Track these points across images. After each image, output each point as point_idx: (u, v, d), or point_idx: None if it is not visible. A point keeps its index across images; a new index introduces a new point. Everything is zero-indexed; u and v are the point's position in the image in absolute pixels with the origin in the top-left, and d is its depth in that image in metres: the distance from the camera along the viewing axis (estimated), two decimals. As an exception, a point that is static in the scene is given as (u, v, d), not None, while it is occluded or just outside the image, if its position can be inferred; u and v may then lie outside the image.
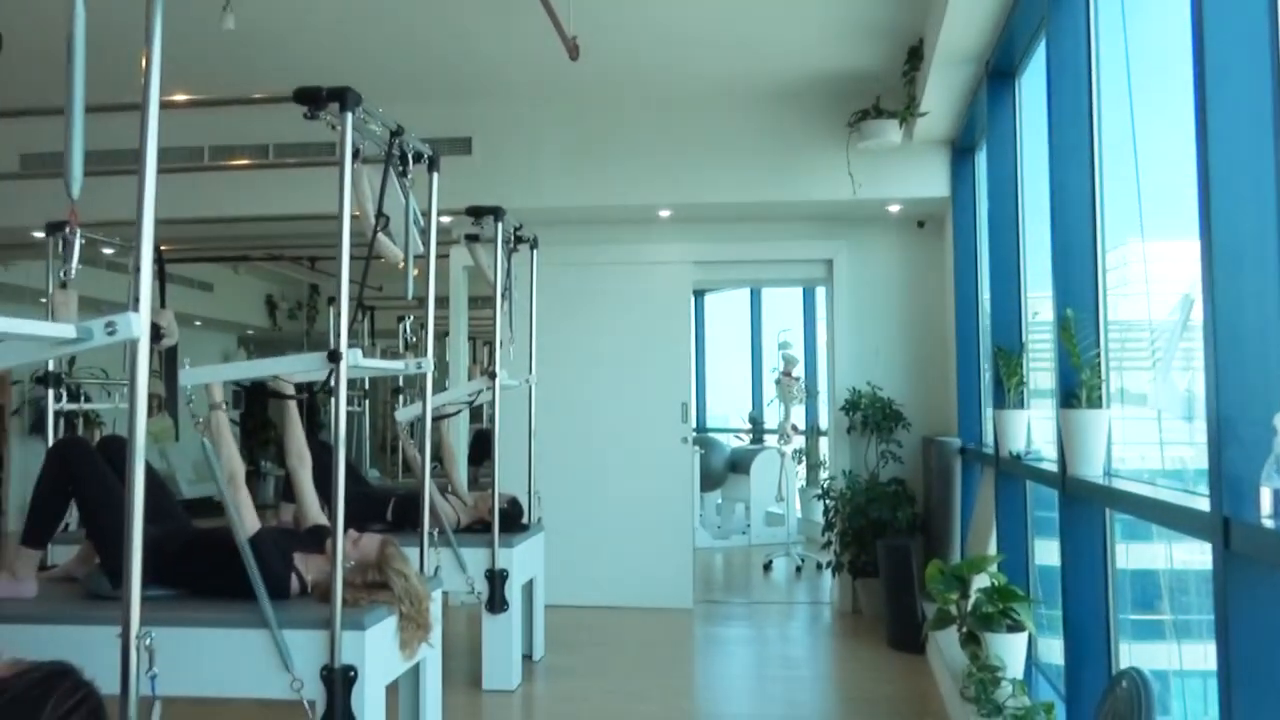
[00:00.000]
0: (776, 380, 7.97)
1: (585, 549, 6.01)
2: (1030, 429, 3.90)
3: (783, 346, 8.07)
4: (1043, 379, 3.93)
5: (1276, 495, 1.62)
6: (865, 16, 4.55)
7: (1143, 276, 3.03)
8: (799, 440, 8.36)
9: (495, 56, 5.10)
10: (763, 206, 5.86)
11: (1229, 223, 1.80)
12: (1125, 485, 2.68)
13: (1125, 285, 3.10)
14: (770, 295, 10.11)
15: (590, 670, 4.84)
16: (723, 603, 6.53)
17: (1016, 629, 3.37)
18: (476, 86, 5.55)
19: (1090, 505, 2.92)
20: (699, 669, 5.07)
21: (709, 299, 10.30)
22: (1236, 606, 1.74)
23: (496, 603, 4.33)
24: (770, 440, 9.20)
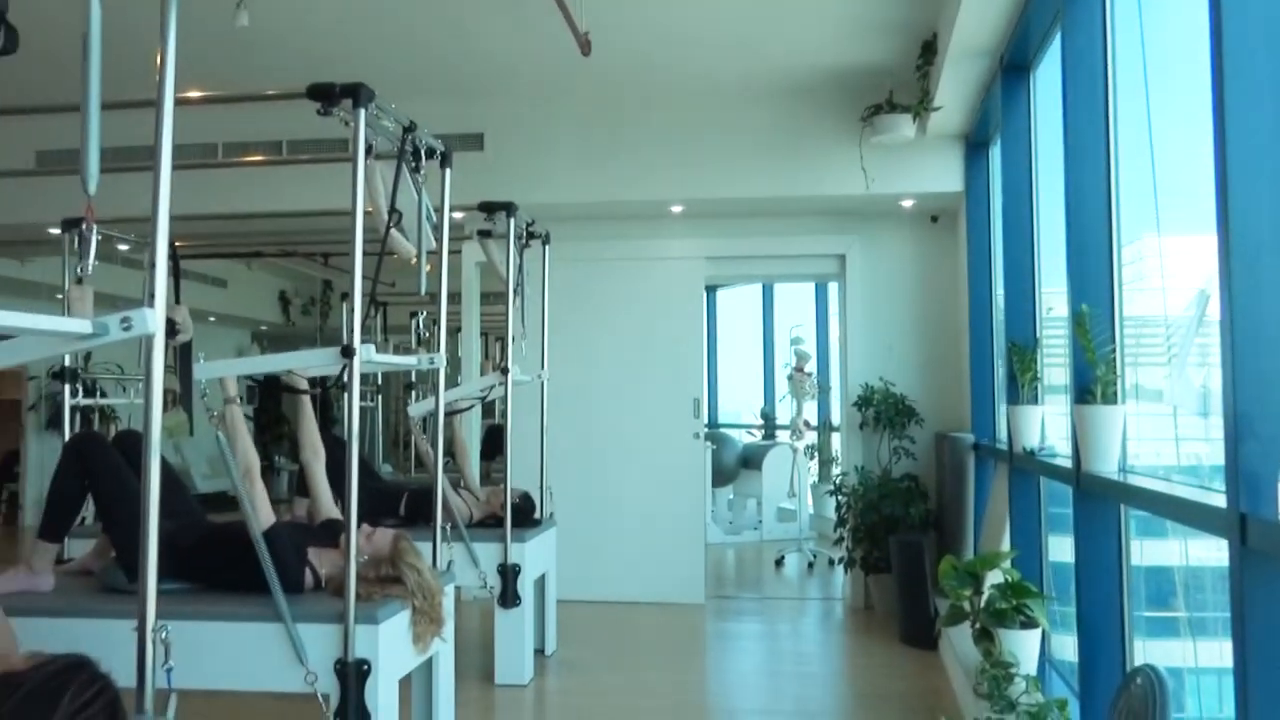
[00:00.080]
0: (789, 376, 7.96)
1: (597, 544, 6.02)
2: (1044, 425, 3.88)
3: (795, 342, 8.05)
4: (1056, 375, 3.91)
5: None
6: (878, 11, 4.53)
7: (1158, 271, 3.01)
8: (811, 436, 8.34)
9: (508, 52, 5.10)
10: (775, 201, 5.84)
11: (1247, 217, 1.79)
12: (1140, 481, 2.66)
13: (1140, 280, 3.08)
14: (782, 290, 10.09)
15: (602, 665, 4.85)
16: (734, 598, 6.53)
17: (1030, 625, 3.35)
18: (489, 82, 5.55)
19: (1105, 501, 2.90)
20: (710, 664, 5.08)
21: (721, 294, 10.28)
22: (1253, 603, 1.73)
23: (509, 597, 4.35)
24: (782, 436, 9.20)
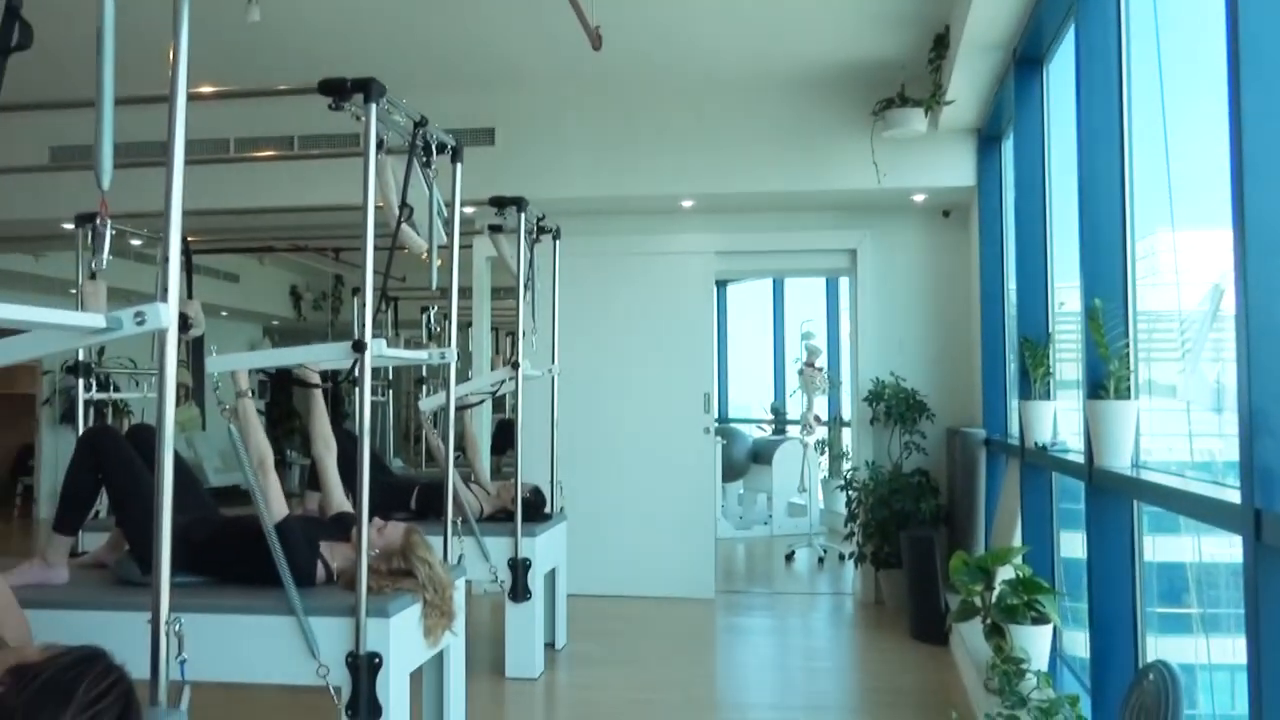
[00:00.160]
0: (799, 370, 7.94)
1: (607, 538, 6.03)
2: (1056, 420, 3.87)
3: (805, 337, 8.03)
4: (1068, 370, 3.90)
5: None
6: (891, 4, 4.51)
7: (1172, 266, 2.99)
8: (822, 431, 8.33)
9: (518, 47, 5.10)
10: (786, 196, 5.83)
11: (1263, 211, 1.77)
12: (1153, 477, 2.65)
13: (1154, 275, 3.06)
14: (793, 285, 10.07)
15: (612, 659, 4.86)
16: (744, 593, 6.54)
17: (1041, 621, 3.35)
18: (499, 77, 5.55)
19: (1118, 497, 2.89)
20: (720, 659, 5.08)
21: (731, 289, 10.27)
22: (1267, 599, 1.72)
23: (519, 591, 4.36)
24: (793, 431, 9.18)
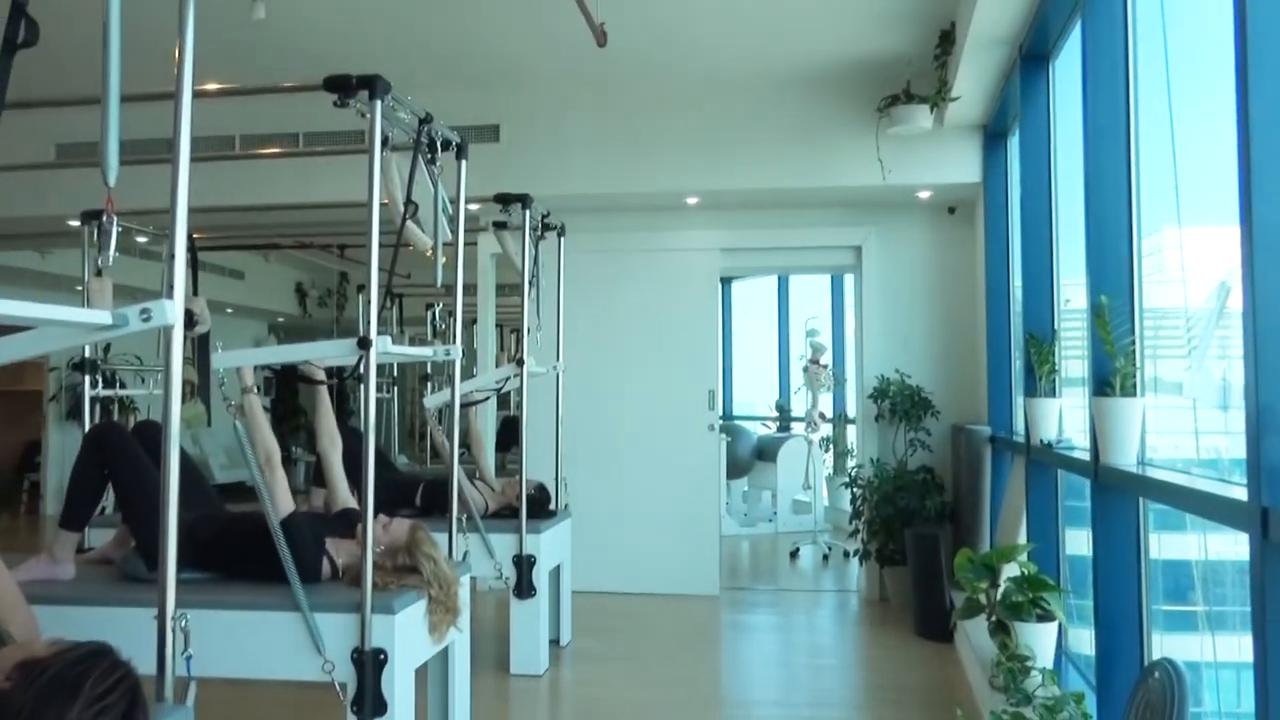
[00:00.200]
0: (804, 368, 7.94)
1: (612, 535, 6.04)
2: (1062, 417, 3.86)
3: (810, 334, 8.02)
4: (1074, 367, 3.89)
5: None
6: (896, 0, 4.50)
7: (1178, 263, 2.98)
8: (826, 428, 8.32)
9: (523, 44, 5.09)
10: (791, 193, 5.82)
11: (1270, 208, 1.77)
12: (1160, 474, 2.64)
13: (1160, 272, 3.05)
14: (798, 282, 10.06)
15: (617, 656, 4.86)
16: (749, 590, 6.54)
17: (1046, 618, 3.34)
18: (504, 74, 5.55)
19: (1124, 494, 2.88)
20: (725, 656, 5.08)
21: (736, 286, 10.26)
22: (1275, 597, 1.72)
23: (524, 588, 4.36)
24: (797, 428, 9.18)
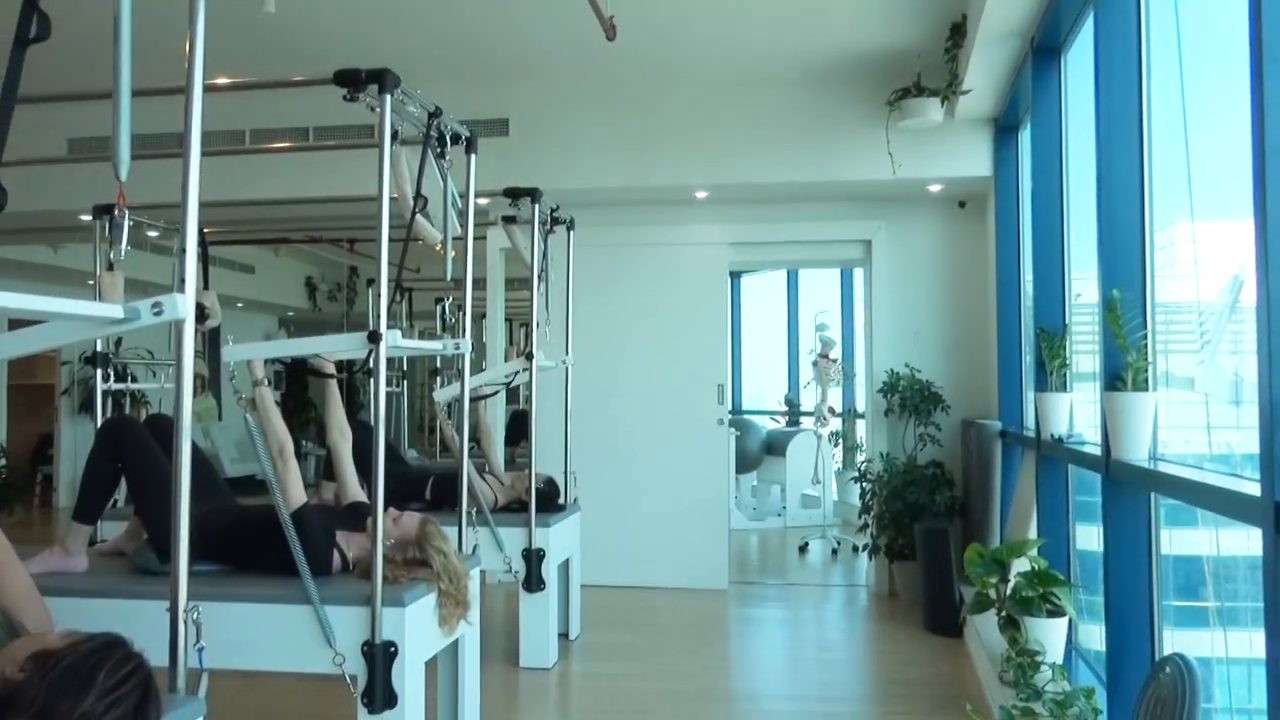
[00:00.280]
0: (813, 362, 7.92)
1: (621, 529, 6.04)
2: (1073, 412, 3.84)
3: (820, 328, 8.01)
4: (1085, 362, 3.87)
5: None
6: (906, -8, 4.48)
7: (1191, 257, 2.96)
8: (836, 423, 8.31)
9: (532, 38, 5.09)
10: (800, 187, 5.81)
11: (1284, 201, 1.75)
12: (1171, 469, 2.63)
13: (1173, 266, 3.03)
14: (807, 276, 10.04)
15: (626, 649, 4.87)
16: (758, 584, 6.54)
17: (1057, 613, 3.33)
18: (514, 68, 5.54)
19: (1135, 489, 2.87)
20: (734, 650, 5.09)
21: (745, 280, 10.25)
22: (1286, 593, 1.71)
23: (533, 581, 4.37)
24: (807, 423, 9.16)
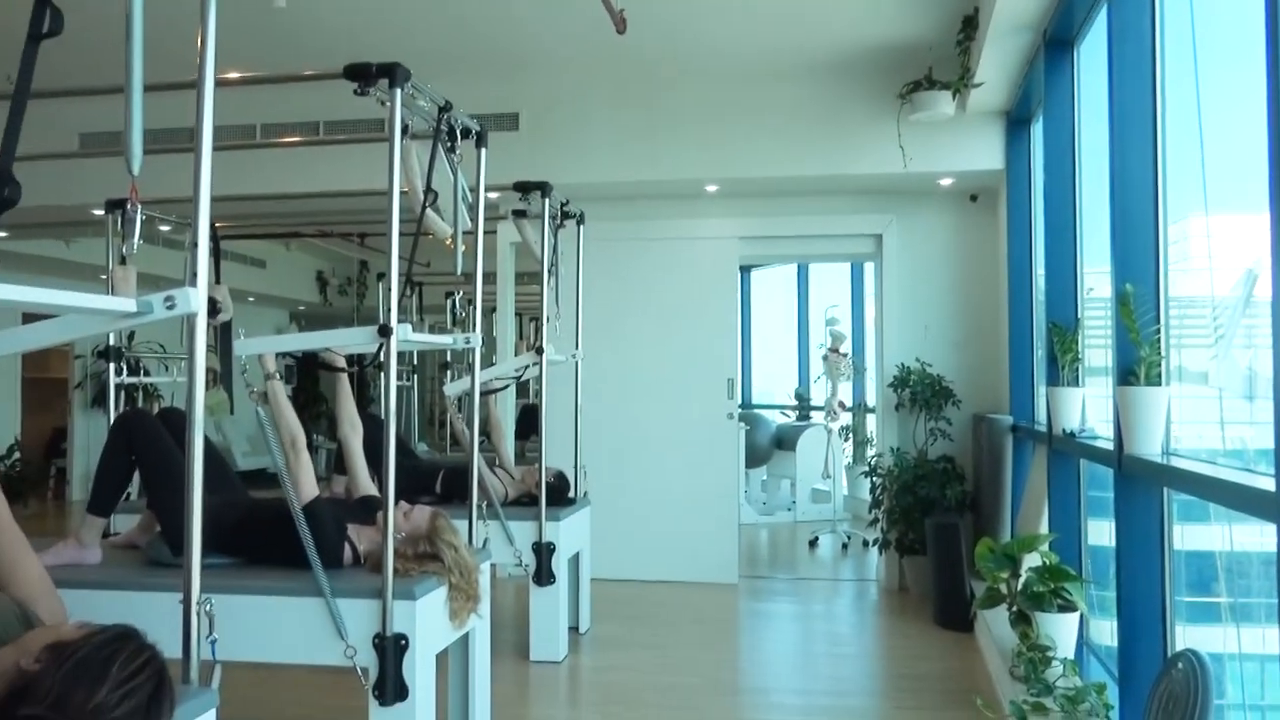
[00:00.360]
0: (824, 356, 7.91)
1: (631, 523, 6.05)
2: (1085, 407, 3.83)
3: (830, 323, 7.99)
4: (1097, 356, 3.85)
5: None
6: (918, -15, 4.46)
7: (1204, 251, 2.94)
8: (846, 417, 8.29)
9: (542, 31, 5.08)
10: (811, 181, 5.79)
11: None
12: (1185, 464, 2.62)
13: (1186, 260, 3.02)
14: (817, 271, 10.01)
15: (636, 643, 4.88)
16: (768, 578, 6.54)
17: (1068, 609, 3.32)
18: (524, 62, 5.54)
19: (1148, 484, 2.86)
20: (744, 644, 5.09)
21: (755, 275, 10.23)
22: (1300, 589, 1.70)
23: (544, 575, 4.38)
24: (817, 417, 9.15)
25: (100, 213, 4.45)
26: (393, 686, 2.66)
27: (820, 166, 5.60)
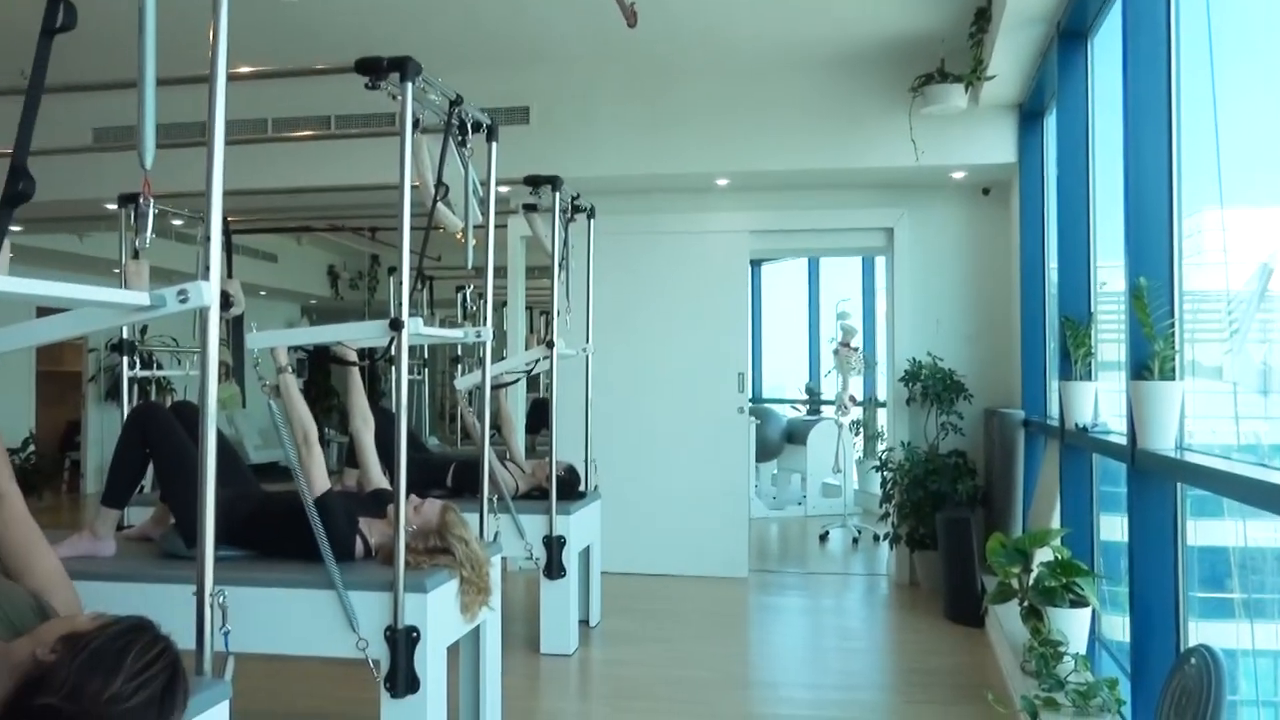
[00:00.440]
0: (834, 350, 7.89)
1: (641, 517, 6.05)
2: (1098, 401, 3.81)
3: (841, 317, 7.97)
4: (1109, 350, 3.83)
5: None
6: (930, -23, 4.43)
7: (1219, 245, 2.92)
8: (857, 411, 8.28)
9: (553, 25, 5.08)
10: (822, 174, 5.77)
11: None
12: (1199, 459, 2.60)
13: (1200, 254, 3.00)
14: (828, 265, 9.99)
15: (646, 636, 4.89)
16: (778, 572, 6.54)
17: (1080, 604, 3.31)
18: (534, 56, 5.54)
19: (1161, 479, 2.84)
20: (754, 637, 5.09)
21: (766, 269, 10.21)
22: (1315, 585, 1.69)
23: (554, 568, 4.39)
24: (827, 411, 9.14)
25: (113, 207, 4.47)
26: (404, 678, 2.67)
27: (831, 160, 5.58)
